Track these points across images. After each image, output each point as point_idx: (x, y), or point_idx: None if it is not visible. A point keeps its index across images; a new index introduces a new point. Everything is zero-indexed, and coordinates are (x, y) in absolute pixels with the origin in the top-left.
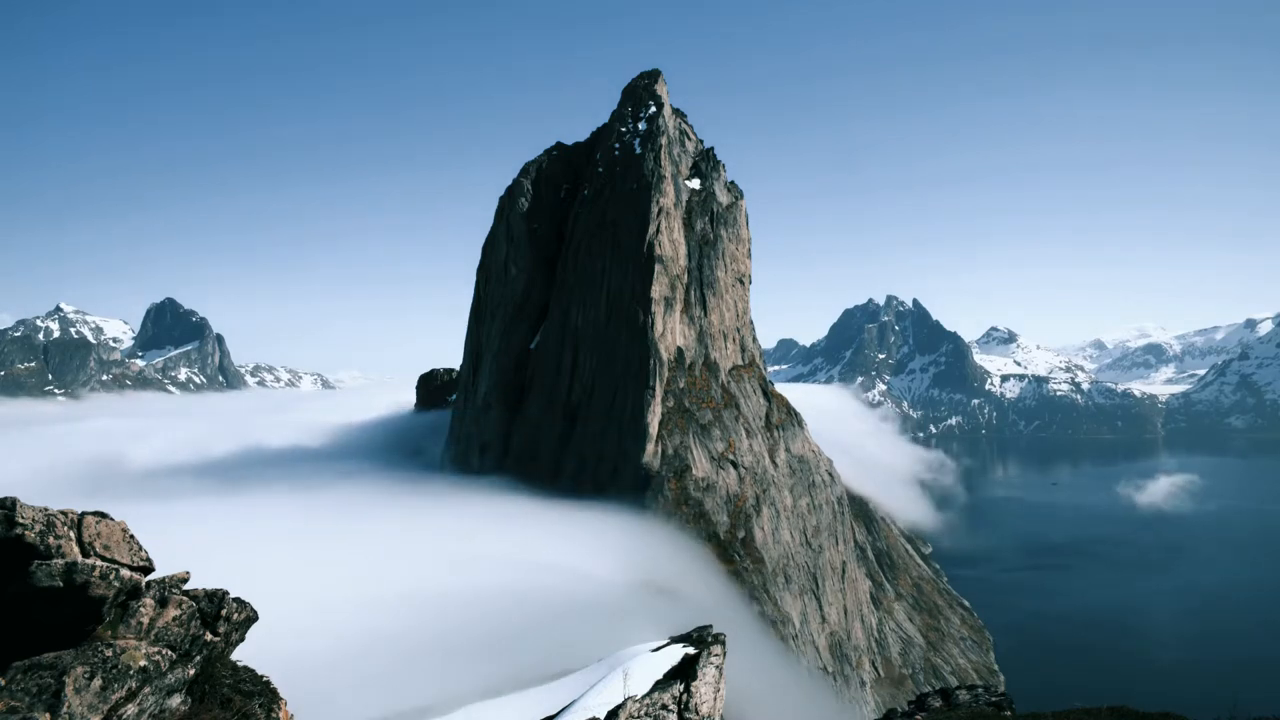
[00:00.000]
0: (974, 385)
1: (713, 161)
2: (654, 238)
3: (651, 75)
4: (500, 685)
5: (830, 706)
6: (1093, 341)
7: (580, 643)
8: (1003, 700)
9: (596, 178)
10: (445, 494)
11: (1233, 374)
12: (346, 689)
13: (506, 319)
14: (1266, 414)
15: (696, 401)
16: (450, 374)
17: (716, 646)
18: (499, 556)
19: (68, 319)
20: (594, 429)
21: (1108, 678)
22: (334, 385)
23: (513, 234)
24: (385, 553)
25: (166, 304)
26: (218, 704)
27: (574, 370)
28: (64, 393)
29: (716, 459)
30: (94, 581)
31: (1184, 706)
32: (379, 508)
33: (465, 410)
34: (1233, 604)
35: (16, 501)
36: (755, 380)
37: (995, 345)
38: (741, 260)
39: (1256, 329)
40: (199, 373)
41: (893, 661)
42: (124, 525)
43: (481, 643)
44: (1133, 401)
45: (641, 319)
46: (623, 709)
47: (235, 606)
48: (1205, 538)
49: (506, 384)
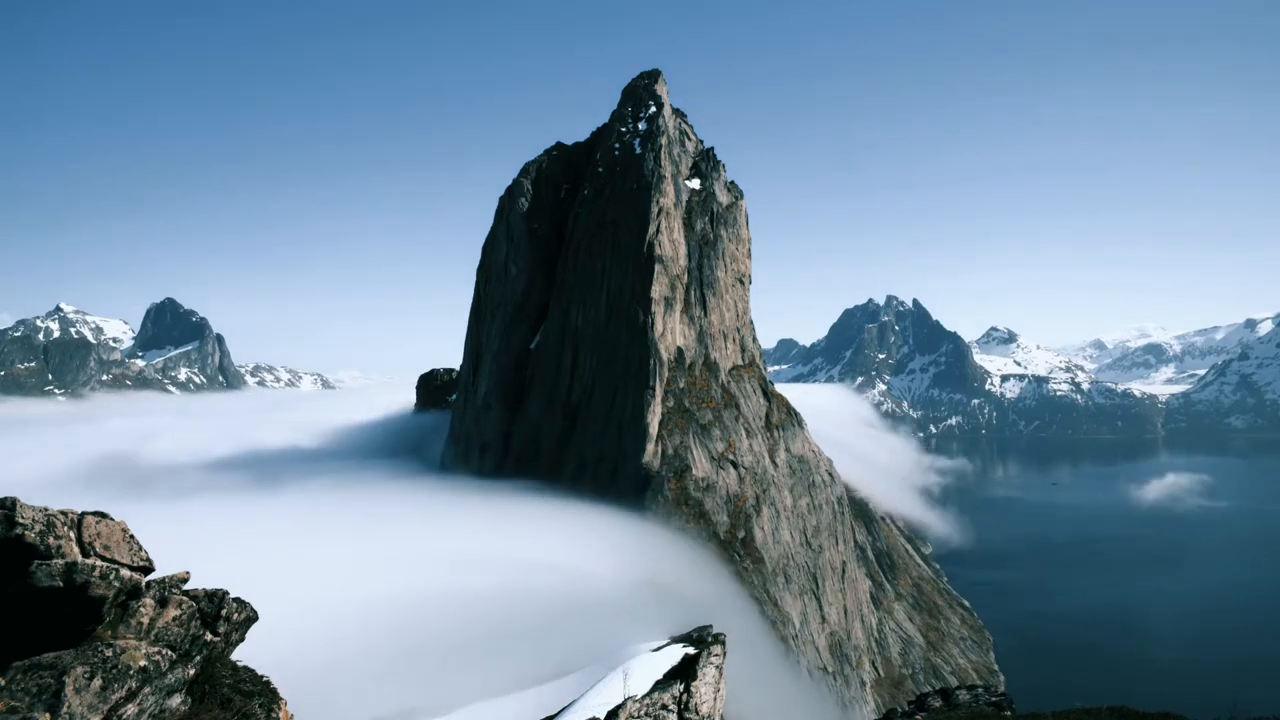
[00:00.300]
0: (974, 385)
1: (713, 161)
2: (654, 238)
3: (651, 75)
4: (500, 685)
5: (830, 706)
6: (1093, 341)
7: (580, 643)
8: (1003, 700)
9: (596, 178)
10: (445, 494)
11: (1233, 374)
12: (346, 689)
13: (506, 319)
14: (1266, 414)
15: (696, 401)
16: (450, 374)
17: (716, 646)
18: (499, 556)
19: (68, 319)
20: (594, 429)
21: (1108, 678)
22: (334, 385)
23: (513, 234)
24: (385, 553)
25: (166, 304)
26: (218, 704)
27: (574, 370)
28: (64, 393)
29: (716, 459)
30: (94, 581)
31: (1184, 706)
32: (379, 508)
33: (465, 410)
34: (1233, 604)
35: (17, 501)
36: (755, 380)
37: (995, 345)
38: (741, 260)
39: (1256, 329)
40: (199, 373)
41: (893, 661)
42: (124, 525)
43: (481, 643)
44: (1133, 401)
45: (641, 319)
46: (623, 709)
47: (235, 606)
48: (1205, 538)
49: (506, 384)
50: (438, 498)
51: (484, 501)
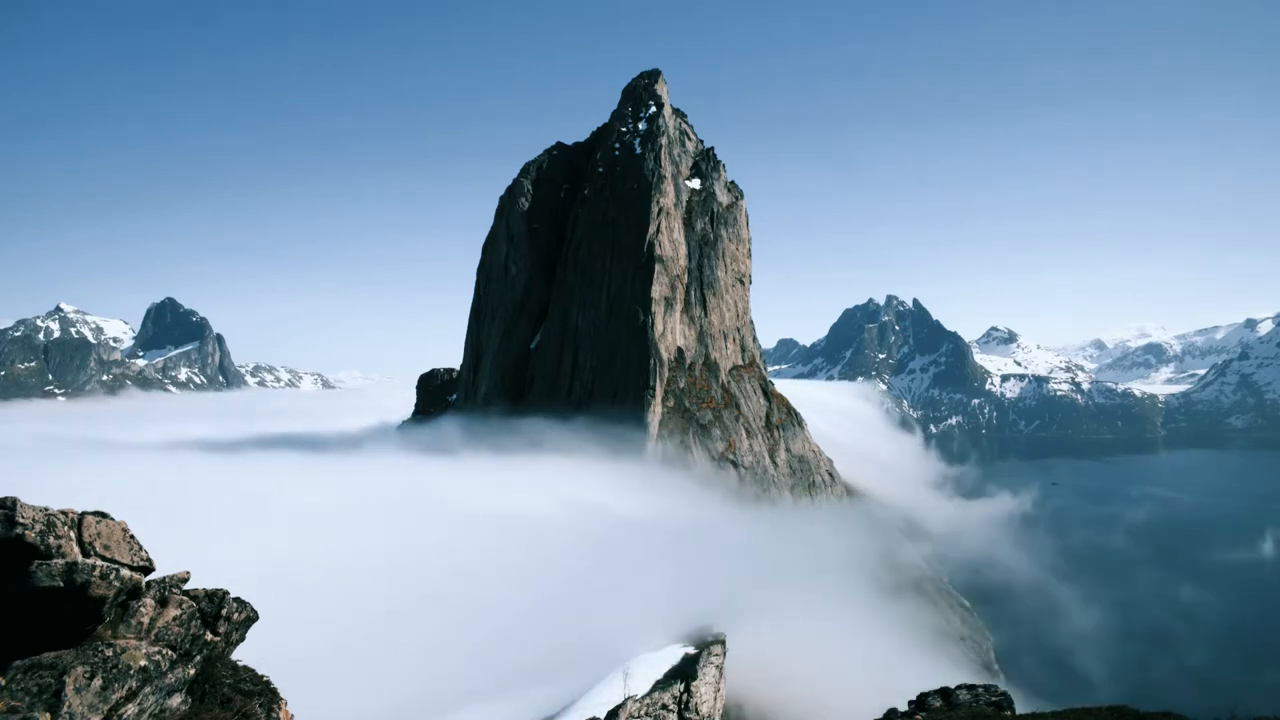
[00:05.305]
0: (974, 385)
1: (713, 161)
2: (654, 238)
3: (652, 75)
4: (501, 685)
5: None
6: (1093, 341)
7: (580, 642)
8: (1003, 700)
9: (597, 178)
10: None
11: (1233, 374)
12: (347, 689)
13: (506, 319)
14: (1267, 414)
15: (696, 401)
16: (450, 374)
17: (716, 646)
18: (498, 557)
19: (68, 319)
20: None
21: (1107, 678)
22: (334, 385)
23: (513, 234)
24: (385, 553)
25: (166, 304)
26: (218, 704)
27: (574, 370)
28: (64, 393)
29: (716, 459)
30: (94, 581)
31: (1184, 706)
32: (379, 508)
33: (466, 410)
34: (1233, 604)
35: (17, 501)
36: (755, 380)
37: (995, 345)
38: (741, 260)
39: (1256, 329)
40: (199, 373)
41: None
42: (124, 525)
43: (482, 642)
44: (1133, 401)
45: (641, 319)
46: (623, 709)
47: (235, 606)
48: (1205, 537)
49: (507, 384)
50: (438, 499)
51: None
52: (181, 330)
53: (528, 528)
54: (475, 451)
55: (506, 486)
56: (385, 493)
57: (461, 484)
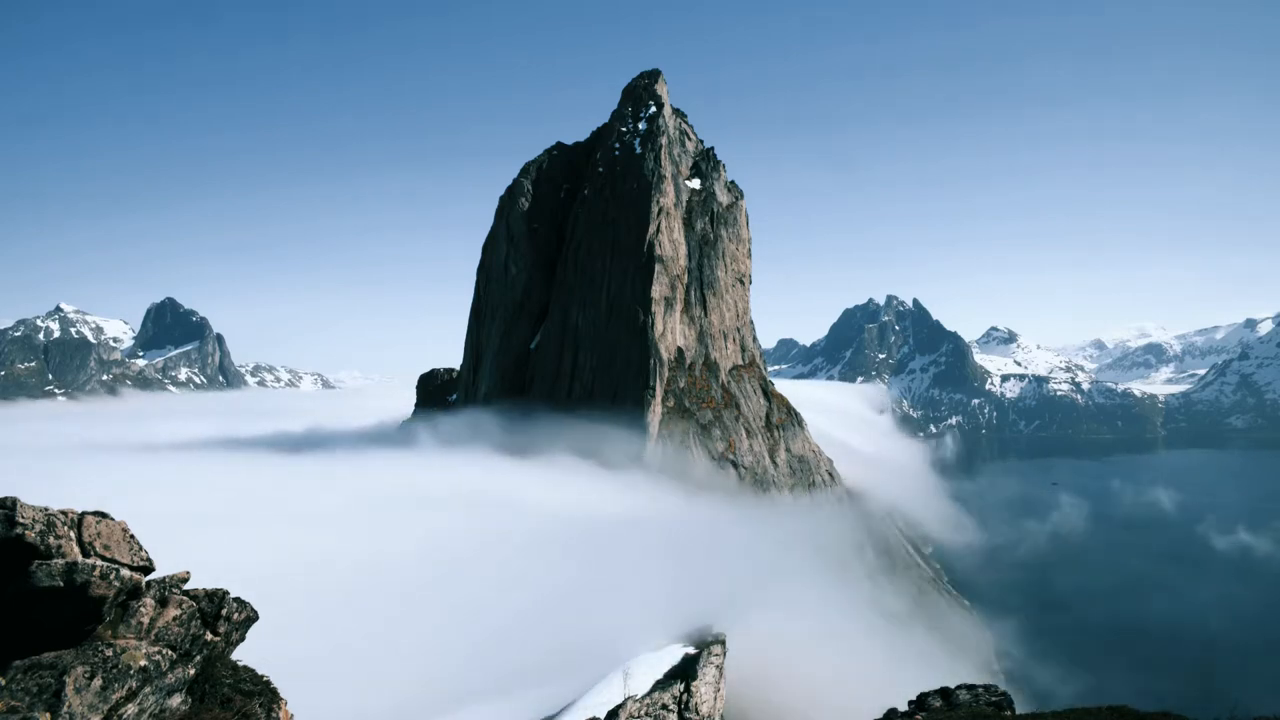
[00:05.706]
0: (974, 385)
1: (713, 161)
2: (654, 238)
3: (652, 75)
4: (500, 685)
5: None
6: (1093, 341)
7: (580, 642)
8: (1003, 700)
9: (597, 177)
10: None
11: (1233, 374)
12: (347, 689)
13: (506, 319)
14: (1267, 414)
15: (696, 401)
16: (450, 374)
17: (716, 646)
18: (499, 556)
19: (68, 319)
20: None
21: (1108, 678)
22: (334, 385)
23: (513, 234)
24: (385, 553)
25: (166, 304)
26: (218, 704)
27: (574, 370)
28: (64, 393)
29: (716, 459)
30: (94, 581)
31: (1184, 706)
32: (379, 509)
33: (466, 410)
34: (1233, 604)
35: (17, 501)
36: (755, 380)
37: (995, 345)
38: (741, 260)
39: (1256, 329)
40: (199, 373)
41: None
42: (124, 525)
43: (482, 642)
44: (1133, 401)
45: (641, 319)
46: (623, 709)
47: (235, 606)
48: (1205, 537)
49: (507, 384)
50: (438, 499)
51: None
52: (181, 330)
53: (528, 527)
54: (475, 452)
55: (506, 486)
56: (387, 492)
57: (461, 484)
